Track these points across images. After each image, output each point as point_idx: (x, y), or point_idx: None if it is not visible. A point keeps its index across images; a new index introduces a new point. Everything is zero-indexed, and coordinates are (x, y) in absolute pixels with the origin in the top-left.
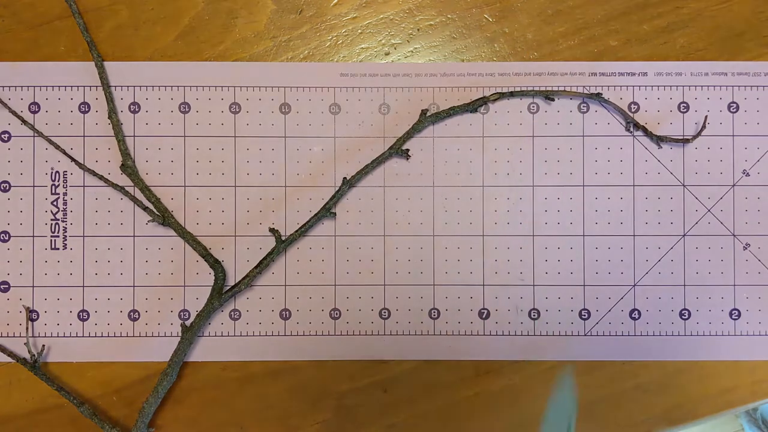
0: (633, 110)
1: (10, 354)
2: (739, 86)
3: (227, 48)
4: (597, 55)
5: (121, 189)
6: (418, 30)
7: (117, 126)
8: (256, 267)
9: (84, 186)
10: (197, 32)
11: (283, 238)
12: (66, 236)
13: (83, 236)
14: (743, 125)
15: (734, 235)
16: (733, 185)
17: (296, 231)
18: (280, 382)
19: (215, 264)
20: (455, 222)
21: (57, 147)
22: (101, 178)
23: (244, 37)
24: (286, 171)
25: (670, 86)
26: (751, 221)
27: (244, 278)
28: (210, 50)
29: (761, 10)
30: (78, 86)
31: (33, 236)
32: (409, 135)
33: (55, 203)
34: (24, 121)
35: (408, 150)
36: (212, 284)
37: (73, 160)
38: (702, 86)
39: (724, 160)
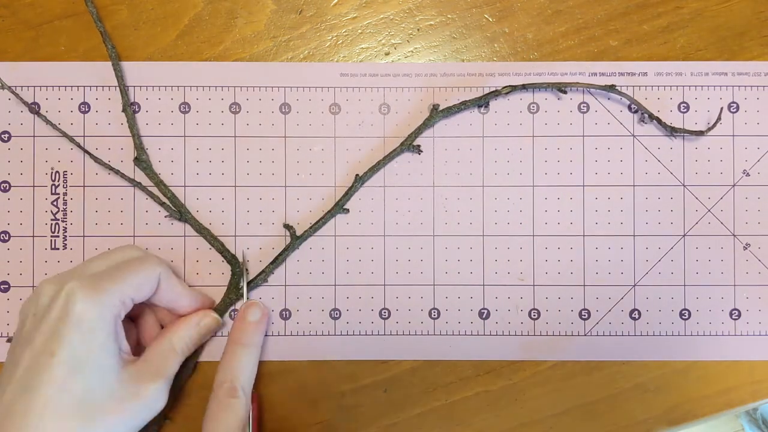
0: (633, 110)
1: None
2: (739, 86)
3: (227, 48)
4: (597, 55)
5: (138, 184)
6: (418, 30)
7: (131, 120)
8: (272, 263)
9: (84, 186)
10: (197, 32)
11: (298, 235)
12: (66, 236)
13: (83, 236)
14: (743, 125)
15: (734, 235)
16: (733, 185)
17: (310, 227)
18: (280, 382)
19: (233, 259)
20: (455, 222)
21: (71, 140)
22: (117, 172)
23: (244, 37)
24: (286, 171)
25: (670, 86)
26: (751, 221)
27: (260, 273)
28: (210, 50)
29: (761, 10)
30: (78, 86)
31: (33, 236)
32: (420, 130)
33: (55, 203)
34: (44, 118)
35: (419, 146)
36: (228, 279)
37: (89, 154)
38: (702, 86)
39: (724, 160)
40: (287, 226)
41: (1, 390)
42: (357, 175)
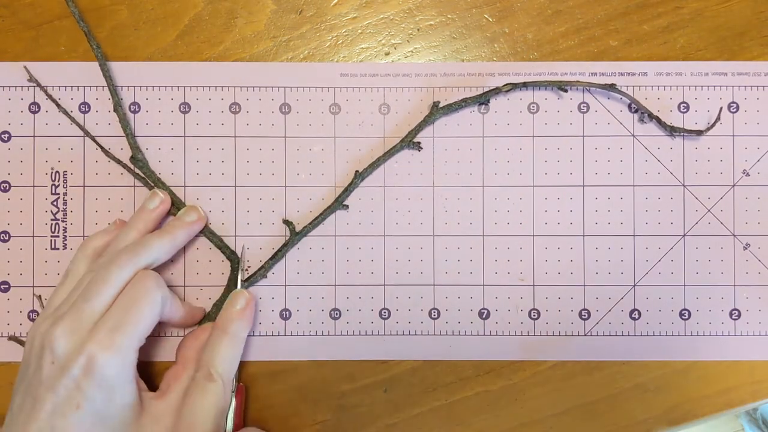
0: (633, 110)
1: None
2: (739, 86)
3: (227, 48)
4: (597, 55)
5: (142, 179)
6: (418, 30)
7: (123, 120)
8: (271, 258)
9: (84, 186)
10: (197, 32)
11: (297, 231)
12: (66, 236)
13: (83, 236)
14: (743, 125)
15: (734, 235)
16: (733, 185)
17: (310, 223)
18: (280, 382)
19: (232, 255)
20: (455, 222)
21: (80, 126)
22: (126, 167)
23: (244, 37)
24: (286, 171)
25: (670, 86)
26: (751, 221)
27: (259, 269)
28: (210, 50)
29: (761, 10)
30: (78, 86)
31: (33, 236)
32: (421, 127)
33: (55, 203)
34: (65, 112)
35: (419, 142)
36: (226, 278)
37: (98, 144)
38: (702, 86)
39: (724, 160)
40: (287, 222)
41: (24, 425)
42: (357, 171)
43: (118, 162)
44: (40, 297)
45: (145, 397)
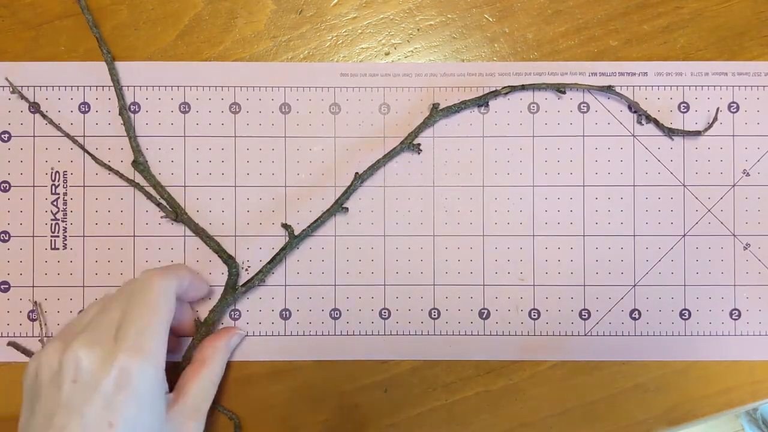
0: (633, 110)
1: (24, 351)
2: (739, 86)
3: (227, 48)
4: (597, 55)
5: (136, 185)
6: (418, 30)
7: (128, 123)
8: (269, 262)
9: (84, 186)
10: (197, 32)
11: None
12: (66, 236)
13: (83, 236)
14: (743, 125)
15: (734, 235)
16: (733, 185)
17: (309, 226)
18: (280, 382)
19: (229, 259)
20: (455, 222)
21: (72, 140)
22: (116, 173)
23: (244, 37)
24: (286, 171)
25: (670, 86)
26: (751, 221)
27: (257, 273)
28: (210, 50)
29: (761, 10)
30: (78, 86)
31: (33, 236)
32: (420, 129)
33: (55, 203)
34: (49, 120)
35: (419, 144)
36: (225, 280)
37: (90, 154)
38: (702, 86)
39: (724, 160)
40: (285, 226)
41: None
42: (356, 173)
43: (110, 169)
44: (38, 303)
45: (167, 401)
